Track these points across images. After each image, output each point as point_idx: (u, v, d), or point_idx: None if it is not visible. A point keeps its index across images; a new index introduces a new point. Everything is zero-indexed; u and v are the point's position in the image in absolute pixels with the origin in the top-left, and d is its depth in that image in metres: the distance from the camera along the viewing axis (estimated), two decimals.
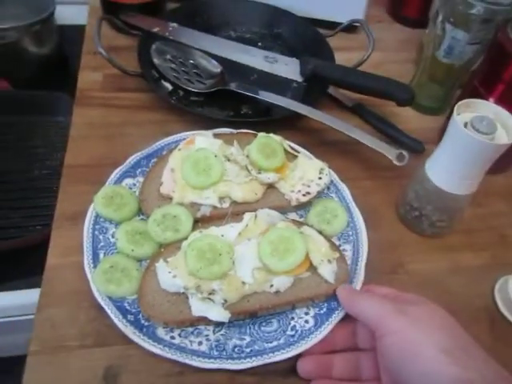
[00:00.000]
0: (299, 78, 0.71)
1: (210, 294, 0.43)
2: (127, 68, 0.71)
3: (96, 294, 0.45)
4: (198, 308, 0.43)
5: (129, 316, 0.44)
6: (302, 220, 0.56)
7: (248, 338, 0.45)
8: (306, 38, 0.82)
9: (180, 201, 0.52)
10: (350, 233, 0.54)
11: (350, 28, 0.88)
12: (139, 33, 0.77)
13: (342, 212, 0.55)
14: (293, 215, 0.56)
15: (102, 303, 0.45)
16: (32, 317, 0.48)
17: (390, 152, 0.60)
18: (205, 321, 0.44)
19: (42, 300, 0.48)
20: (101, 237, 0.50)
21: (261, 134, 0.59)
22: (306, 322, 0.46)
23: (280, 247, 0.46)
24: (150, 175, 0.55)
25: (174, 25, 0.77)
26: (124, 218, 0.52)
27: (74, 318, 0.47)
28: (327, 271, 0.47)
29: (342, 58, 0.77)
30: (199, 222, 0.51)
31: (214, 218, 0.52)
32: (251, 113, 0.71)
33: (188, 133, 0.61)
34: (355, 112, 0.75)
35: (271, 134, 0.59)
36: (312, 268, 0.47)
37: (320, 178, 0.56)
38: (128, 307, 0.45)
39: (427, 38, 0.75)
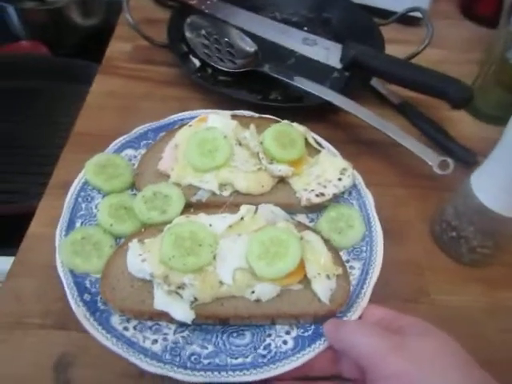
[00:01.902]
0: (338, 65, 0.63)
1: (178, 287, 0.37)
2: (156, 39, 0.67)
3: (58, 264, 0.41)
4: (161, 301, 0.38)
5: (86, 295, 0.39)
6: (310, 225, 0.48)
7: (211, 348, 0.38)
8: (357, 25, 0.74)
9: (177, 181, 0.47)
10: (364, 248, 0.45)
11: (410, 20, 0.79)
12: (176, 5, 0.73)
13: (359, 223, 0.46)
14: (302, 218, 0.48)
15: (61, 274, 0.40)
16: None
17: (431, 158, 0.51)
18: (167, 317, 0.38)
19: (14, 268, 0.45)
20: (83, 205, 0.46)
21: (283, 122, 0.52)
22: (285, 342, 0.38)
23: (271, 249, 0.39)
24: (152, 148, 0.51)
25: None
26: (113, 190, 0.47)
27: (41, 294, 0.43)
28: (322, 288, 0.39)
29: (396, 52, 0.68)
30: (192, 208, 0.45)
31: (210, 206, 0.46)
32: (281, 99, 0.65)
33: (205, 110, 0.55)
34: (401, 111, 0.66)
35: (295, 124, 0.52)
36: (306, 281, 0.40)
37: (340, 180, 0.48)
38: (88, 285, 0.40)
39: (497, 37, 0.65)
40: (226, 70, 0.66)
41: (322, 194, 0.47)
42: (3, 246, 0.63)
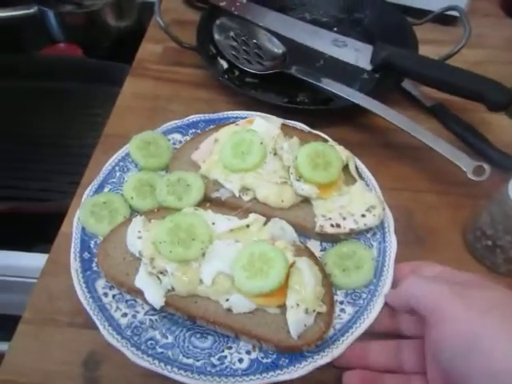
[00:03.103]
0: (368, 66, 0.62)
1: (160, 272, 0.39)
2: (184, 41, 0.67)
3: (74, 220, 0.45)
4: (141, 279, 0.39)
5: (86, 253, 0.43)
6: (320, 254, 0.45)
7: (170, 339, 0.38)
8: (390, 25, 0.72)
9: (205, 173, 0.48)
10: (364, 296, 0.41)
11: (446, 19, 0.76)
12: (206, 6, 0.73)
13: (369, 267, 0.42)
14: (315, 244, 0.46)
15: (74, 228, 0.44)
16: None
17: (465, 163, 0.49)
18: (143, 297, 0.39)
19: (46, 266, 0.47)
20: (117, 173, 0.49)
21: (329, 142, 0.50)
22: (240, 361, 0.37)
23: (256, 264, 0.38)
24: (195, 138, 0.52)
25: (243, 0, 0.72)
26: (148, 167, 0.50)
27: (72, 292, 0.44)
28: (296, 320, 0.37)
29: (430, 53, 0.65)
30: (209, 203, 0.46)
31: (225, 206, 0.46)
32: (308, 101, 0.64)
33: (264, 114, 0.54)
34: (434, 114, 0.64)
35: (340, 147, 0.49)
36: (284, 308, 0.38)
37: (363, 216, 0.44)
38: (92, 245, 0.43)
39: None
40: (253, 71, 0.66)
41: (338, 226, 0.44)
42: (41, 244, 0.65)
